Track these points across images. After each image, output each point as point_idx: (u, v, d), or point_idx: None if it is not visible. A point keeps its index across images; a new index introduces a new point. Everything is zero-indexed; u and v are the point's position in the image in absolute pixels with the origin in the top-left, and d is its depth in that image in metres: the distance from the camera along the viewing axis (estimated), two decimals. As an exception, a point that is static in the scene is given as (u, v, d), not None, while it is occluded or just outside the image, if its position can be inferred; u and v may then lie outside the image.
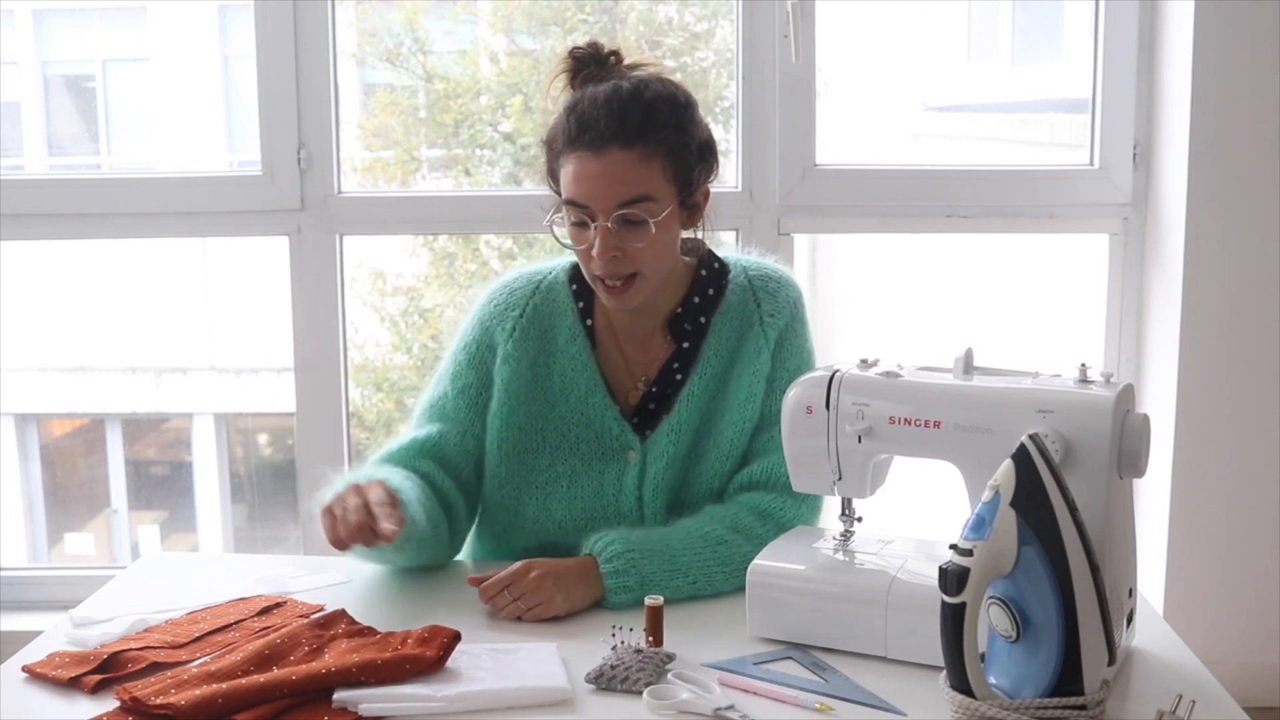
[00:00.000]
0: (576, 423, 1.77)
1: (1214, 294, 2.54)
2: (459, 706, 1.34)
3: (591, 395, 1.76)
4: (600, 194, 1.64)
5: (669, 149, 1.66)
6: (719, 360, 1.77)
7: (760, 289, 1.80)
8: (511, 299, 1.79)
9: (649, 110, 1.65)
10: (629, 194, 1.64)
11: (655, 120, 1.65)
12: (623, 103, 1.64)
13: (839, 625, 1.48)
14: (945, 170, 2.73)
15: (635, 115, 1.64)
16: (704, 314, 1.78)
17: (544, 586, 1.59)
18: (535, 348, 1.77)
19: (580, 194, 1.65)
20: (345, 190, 2.70)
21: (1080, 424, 1.36)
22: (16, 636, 1.93)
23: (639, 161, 1.64)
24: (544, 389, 1.77)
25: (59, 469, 4.81)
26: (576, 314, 1.78)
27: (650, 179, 1.64)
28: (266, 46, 2.61)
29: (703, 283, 1.79)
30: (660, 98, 1.67)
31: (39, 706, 1.38)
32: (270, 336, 3.43)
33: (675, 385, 1.77)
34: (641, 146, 1.64)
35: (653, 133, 1.64)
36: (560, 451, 1.77)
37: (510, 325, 1.77)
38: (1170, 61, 2.56)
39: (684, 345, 1.77)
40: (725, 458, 1.78)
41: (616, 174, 1.63)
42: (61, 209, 2.71)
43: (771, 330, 1.78)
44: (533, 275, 1.82)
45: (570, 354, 1.77)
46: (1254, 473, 2.59)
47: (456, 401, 1.79)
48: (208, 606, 1.61)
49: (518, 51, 3.71)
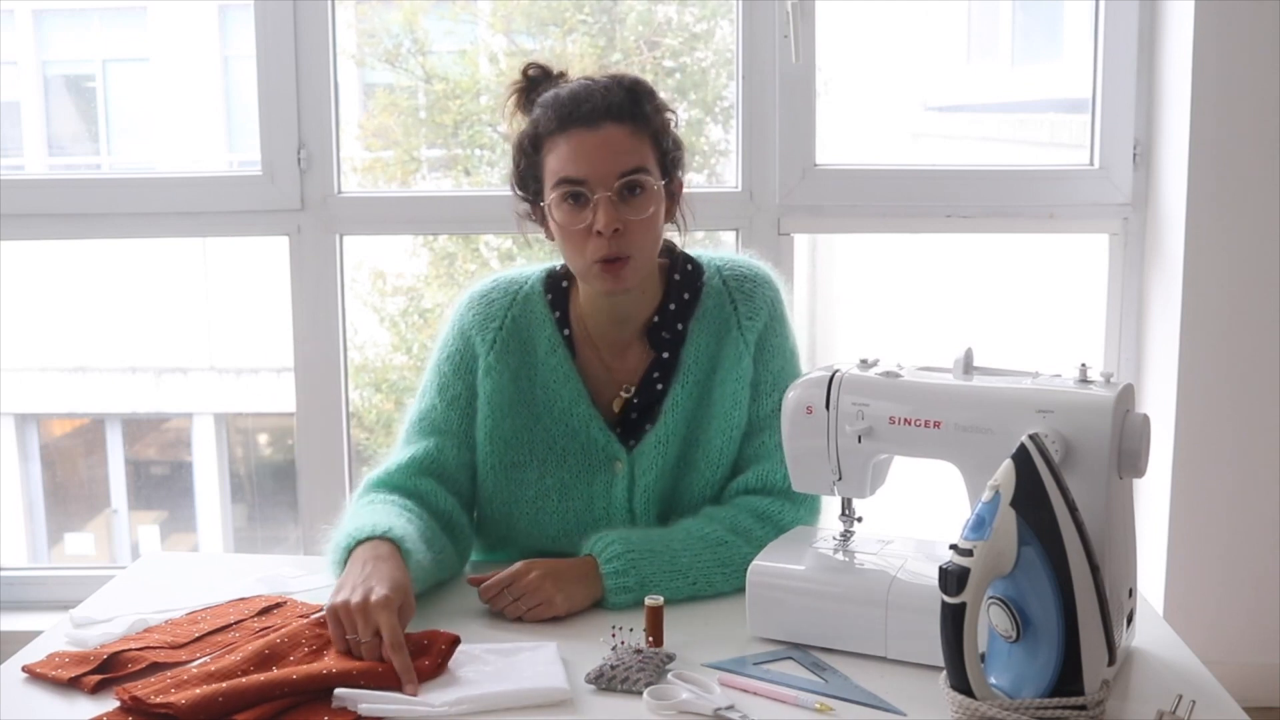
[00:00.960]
0: (562, 435, 1.75)
1: (1214, 294, 2.54)
2: (459, 709, 1.34)
3: (576, 406, 1.75)
4: (600, 165, 1.64)
5: (653, 131, 1.69)
6: (699, 368, 1.76)
7: (736, 290, 1.78)
8: (490, 309, 1.77)
9: (633, 92, 1.68)
10: (629, 164, 1.65)
11: (641, 101, 1.68)
12: (607, 86, 1.68)
13: (839, 625, 1.48)
14: (945, 170, 2.73)
15: (622, 95, 1.67)
16: (681, 320, 1.76)
17: (544, 586, 1.59)
18: (516, 360, 1.75)
19: (579, 169, 1.65)
20: (345, 190, 2.70)
21: (1080, 424, 1.36)
22: (16, 636, 1.93)
23: (632, 135, 1.66)
24: (527, 401, 1.75)
25: (59, 469, 4.81)
26: (554, 324, 1.76)
27: (644, 153, 1.67)
28: (266, 46, 2.61)
29: (677, 287, 1.77)
30: (638, 83, 1.71)
31: (39, 706, 1.38)
32: (270, 336, 3.43)
33: (657, 395, 1.76)
34: (632, 123, 1.66)
35: (641, 112, 1.67)
36: (548, 464, 1.76)
37: (491, 337, 1.75)
38: (1170, 61, 2.56)
39: (663, 355, 1.76)
40: (715, 466, 1.77)
41: (616, 145, 1.65)
42: (61, 209, 2.71)
43: (750, 334, 1.76)
44: (508, 285, 1.79)
45: (551, 365, 1.75)
46: (1254, 473, 2.59)
47: (447, 413, 1.76)
48: (208, 606, 1.61)
49: (517, 52, 3.71)
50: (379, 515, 1.62)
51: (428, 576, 1.62)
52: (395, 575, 1.49)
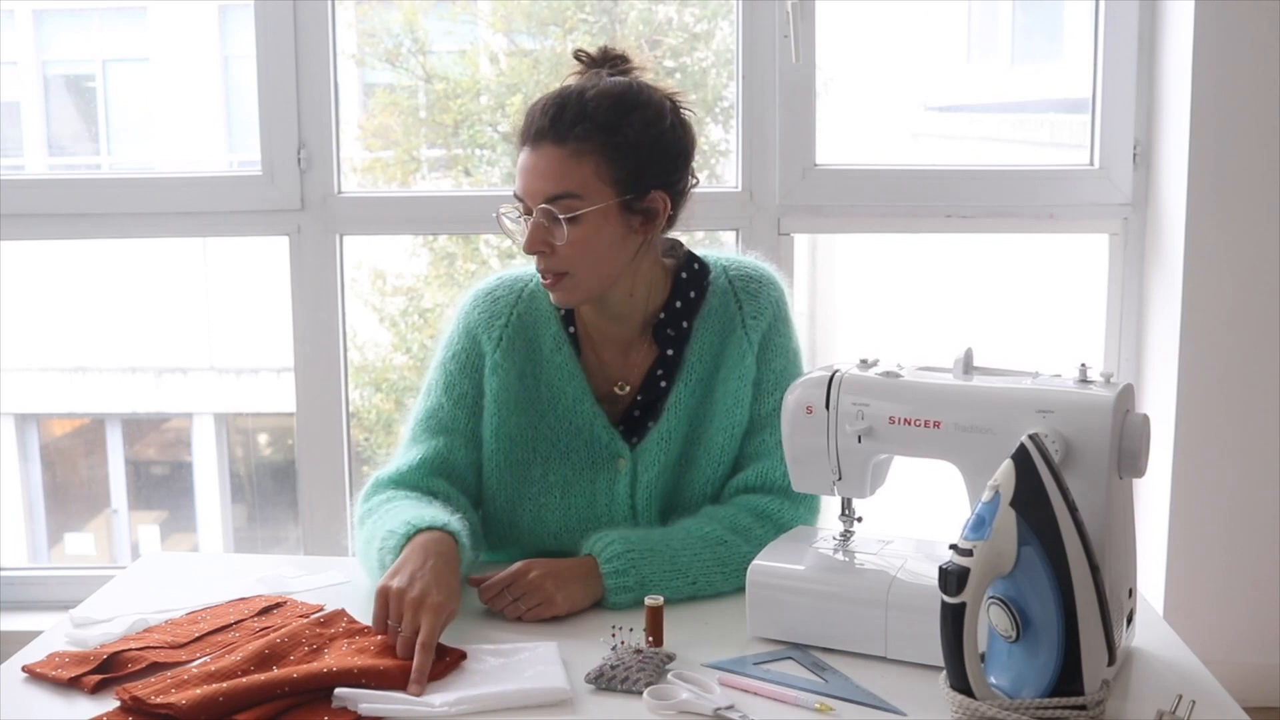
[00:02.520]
0: (566, 431, 1.75)
1: (1214, 294, 2.54)
2: (459, 708, 1.34)
3: (580, 403, 1.75)
4: (529, 186, 1.65)
5: (600, 146, 1.63)
6: (703, 366, 1.76)
7: (741, 290, 1.78)
8: (496, 307, 1.77)
9: (583, 107, 1.64)
10: (553, 189, 1.63)
11: (587, 118, 1.63)
12: (563, 101, 1.65)
13: (839, 625, 1.48)
14: (945, 170, 2.73)
15: (570, 113, 1.64)
16: (686, 318, 1.76)
17: (544, 586, 1.59)
18: (522, 357, 1.75)
19: (518, 186, 1.67)
20: (345, 190, 2.71)
21: (1080, 424, 1.36)
22: (16, 636, 1.94)
23: (568, 158, 1.63)
24: (532, 398, 1.76)
25: (59, 469, 4.81)
26: (559, 321, 1.76)
27: (579, 177, 1.63)
28: (266, 46, 2.61)
29: (684, 286, 1.77)
30: (603, 95, 1.65)
31: (39, 707, 1.38)
32: (270, 336, 3.43)
33: (660, 392, 1.76)
34: (572, 143, 1.63)
35: (581, 130, 1.63)
36: (552, 461, 1.76)
37: (497, 334, 1.75)
38: (1170, 61, 2.56)
39: (668, 352, 1.76)
40: (716, 463, 1.77)
41: (544, 169, 1.64)
42: (61, 209, 2.71)
43: (754, 333, 1.76)
44: (514, 283, 1.79)
45: (557, 362, 1.75)
46: (1254, 473, 2.59)
47: (454, 411, 1.76)
48: (208, 606, 1.61)
49: (517, 52, 3.71)
50: (435, 510, 1.63)
51: (467, 574, 1.63)
52: (453, 582, 1.52)
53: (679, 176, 1.72)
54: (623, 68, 1.72)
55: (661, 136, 1.68)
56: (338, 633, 1.49)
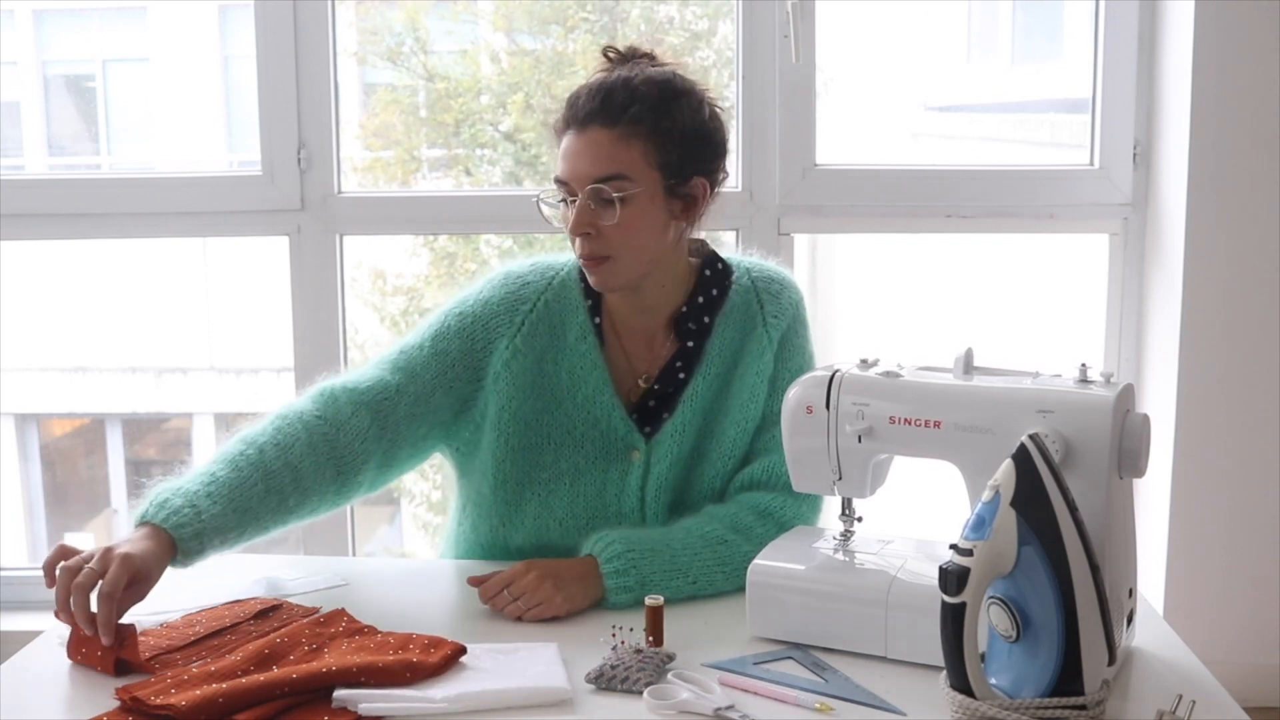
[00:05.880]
0: (582, 420, 1.76)
1: (1214, 294, 2.54)
2: (459, 707, 1.34)
3: (599, 394, 1.76)
4: (577, 169, 1.66)
5: (649, 130, 1.66)
6: (722, 360, 1.77)
7: (764, 290, 1.81)
8: (524, 291, 1.78)
9: (632, 92, 1.67)
10: (603, 170, 1.65)
11: (637, 102, 1.66)
12: (611, 87, 1.67)
13: (839, 625, 1.48)
14: (945, 170, 2.72)
15: (619, 96, 1.66)
16: (707, 314, 1.78)
17: (544, 586, 1.59)
18: (543, 343, 1.76)
19: (562, 170, 1.68)
20: (345, 190, 2.70)
21: (1080, 424, 1.36)
22: (16, 636, 1.93)
23: (617, 140, 1.65)
24: (551, 385, 1.76)
25: (59, 469, 4.81)
26: (586, 311, 1.77)
27: (628, 159, 1.65)
28: (266, 46, 2.61)
29: (707, 283, 1.79)
30: (649, 82, 1.68)
31: (39, 707, 1.38)
32: (270, 336, 3.43)
33: (678, 384, 1.77)
34: (622, 126, 1.65)
35: (633, 113, 1.66)
36: (564, 449, 1.77)
37: (520, 320, 1.76)
38: (1170, 61, 2.56)
39: (688, 345, 1.77)
40: (727, 458, 1.78)
41: (593, 151, 1.66)
42: (61, 209, 2.71)
43: (775, 331, 1.79)
44: (545, 270, 1.80)
45: (580, 352, 1.76)
46: (1254, 473, 2.59)
47: (428, 361, 1.74)
48: (203, 609, 1.61)
49: (518, 51, 3.72)
50: (225, 474, 1.65)
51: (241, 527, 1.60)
52: (150, 548, 1.48)
53: (718, 165, 1.75)
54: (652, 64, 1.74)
55: (704, 124, 1.72)
56: (337, 632, 1.49)
